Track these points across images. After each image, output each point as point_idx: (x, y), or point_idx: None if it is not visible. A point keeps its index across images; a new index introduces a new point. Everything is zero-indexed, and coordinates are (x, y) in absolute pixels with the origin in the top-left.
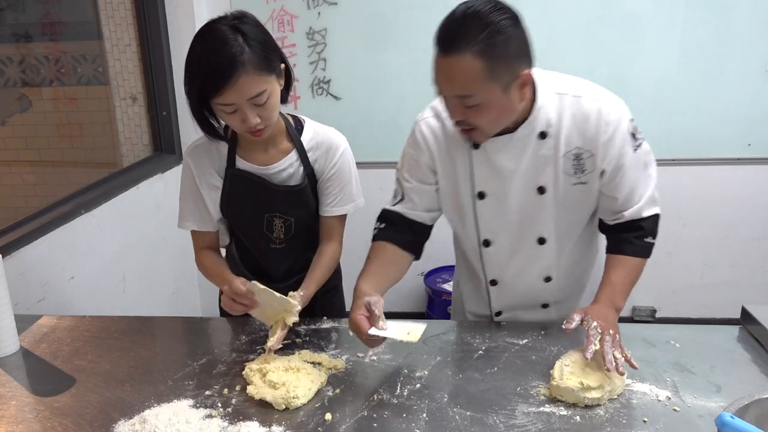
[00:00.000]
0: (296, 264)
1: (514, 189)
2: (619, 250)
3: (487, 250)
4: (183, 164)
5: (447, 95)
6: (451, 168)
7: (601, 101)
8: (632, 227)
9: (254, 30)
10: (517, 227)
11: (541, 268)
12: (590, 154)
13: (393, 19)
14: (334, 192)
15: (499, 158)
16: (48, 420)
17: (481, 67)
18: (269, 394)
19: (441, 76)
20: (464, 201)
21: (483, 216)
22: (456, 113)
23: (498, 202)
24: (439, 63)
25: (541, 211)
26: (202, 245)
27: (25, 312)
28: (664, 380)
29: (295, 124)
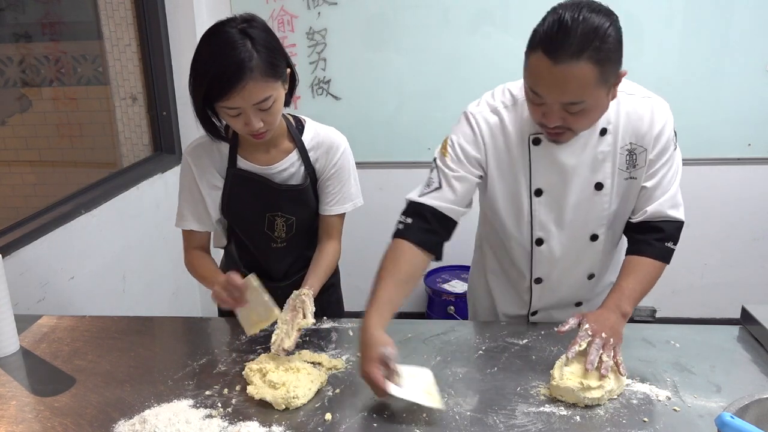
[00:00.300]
0: (296, 263)
1: (573, 185)
2: (638, 251)
3: (538, 249)
4: (182, 163)
5: (551, 101)
6: (508, 165)
7: (653, 100)
8: (653, 229)
9: (263, 35)
10: (571, 224)
11: (589, 265)
12: (643, 149)
13: (393, 19)
14: (334, 191)
15: (560, 154)
16: (48, 420)
17: (594, 73)
18: (269, 394)
19: (550, 84)
20: (522, 198)
21: (539, 213)
22: (556, 119)
23: (555, 199)
24: (549, 70)
25: (597, 207)
26: (194, 245)
27: (25, 312)
28: (664, 380)
29: (296, 124)
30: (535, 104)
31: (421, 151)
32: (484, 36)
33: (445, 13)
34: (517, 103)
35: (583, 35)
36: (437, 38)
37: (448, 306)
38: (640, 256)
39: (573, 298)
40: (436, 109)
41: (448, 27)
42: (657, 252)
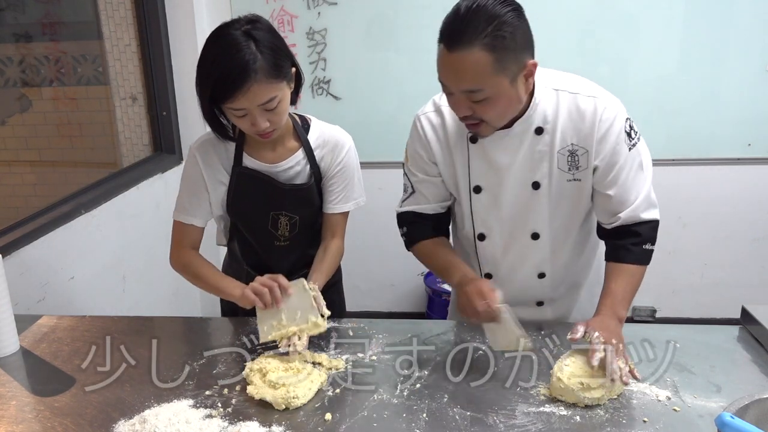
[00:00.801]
0: (299, 261)
1: (509, 184)
2: (617, 257)
3: (481, 244)
4: (188, 157)
5: (454, 91)
6: (450, 162)
7: (597, 98)
8: (629, 233)
9: (267, 36)
10: (511, 222)
11: (535, 263)
12: (584, 150)
13: (393, 18)
14: (338, 189)
15: (495, 153)
16: (48, 420)
17: (489, 60)
18: (269, 394)
19: (448, 72)
20: (462, 195)
21: (478, 210)
22: (463, 108)
23: (493, 197)
24: (446, 59)
25: (535, 206)
26: (187, 242)
27: (25, 312)
28: (664, 380)
29: (302, 123)
30: (447, 96)
31: None
32: None
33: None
34: None
35: (475, 23)
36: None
37: (448, 306)
38: (622, 264)
39: (530, 297)
40: None
41: None
42: (636, 257)
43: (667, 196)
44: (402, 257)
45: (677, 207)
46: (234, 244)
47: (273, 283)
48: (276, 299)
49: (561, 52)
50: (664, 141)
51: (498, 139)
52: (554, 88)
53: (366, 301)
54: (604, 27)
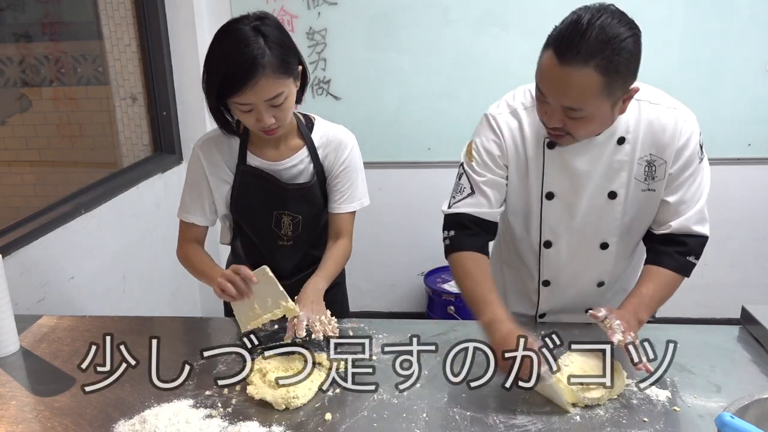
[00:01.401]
0: (302, 261)
1: (586, 192)
2: (658, 261)
3: (547, 252)
4: (192, 156)
5: (553, 102)
6: (523, 166)
7: (679, 111)
8: (676, 241)
9: (275, 32)
10: (581, 230)
11: (598, 272)
12: (662, 162)
13: (393, 18)
14: (342, 189)
15: (574, 160)
16: (48, 420)
17: (599, 83)
18: (269, 394)
19: (553, 84)
20: (532, 200)
21: (548, 217)
22: (555, 120)
23: (566, 204)
24: (554, 70)
25: (609, 216)
26: (191, 238)
27: (25, 312)
28: (664, 380)
29: (306, 122)
30: (540, 101)
31: (421, 151)
32: (485, 35)
33: (446, 12)
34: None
35: (596, 41)
36: (437, 38)
37: (448, 306)
38: (660, 267)
39: (582, 304)
40: (435, 109)
41: (449, 26)
42: (677, 264)
43: None
44: (402, 257)
45: None
46: (237, 243)
47: (235, 276)
48: (241, 291)
49: None
50: None
51: (579, 147)
52: (636, 98)
53: (366, 301)
54: None
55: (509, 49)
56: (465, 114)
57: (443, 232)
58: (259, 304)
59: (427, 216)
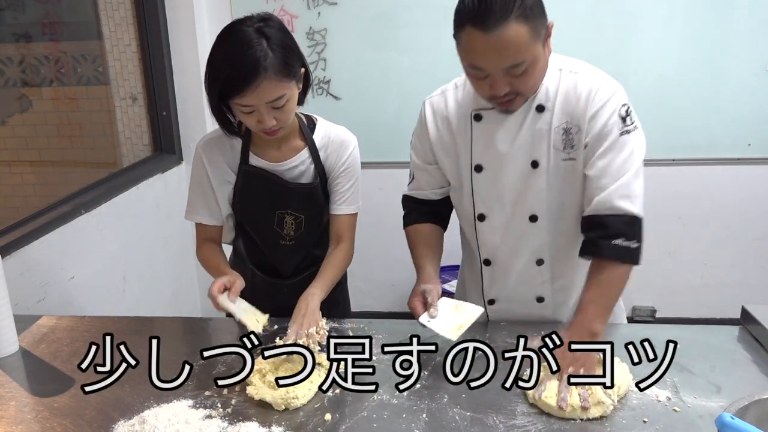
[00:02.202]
0: (305, 260)
1: (510, 163)
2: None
3: (481, 225)
4: (194, 156)
5: (492, 71)
6: (451, 142)
7: (597, 79)
8: (597, 224)
9: (278, 34)
10: (510, 202)
11: (534, 248)
12: (578, 128)
13: (393, 18)
14: (343, 190)
15: (498, 131)
16: (47, 420)
17: (526, 30)
18: (269, 394)
19: (487, 54)
20: (463, 174)
21: (479, 189)
22: (502, 86)
23: (494, 176)
24: (482, 41)
25: (534, 186)
26: (206, 237)
27: (25, 312)
28: (664, 380)
29: (307, 122)
30: (479, 79)
31: None
32: None
33: (445, 12)
34: (467, 82)
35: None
36: (437, 38)
37: None
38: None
39: (528, 289)
40: None
41: (448, 26)
42: (601, 251)
43: (667, 196)
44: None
45: (677, 207)
46: (239, 243)
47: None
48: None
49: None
50: (664, 141)
51: (501, 117)
52: (558, 68)
53: (366, 302)
54: (604, 27)
55: None
56: None
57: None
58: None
59: None
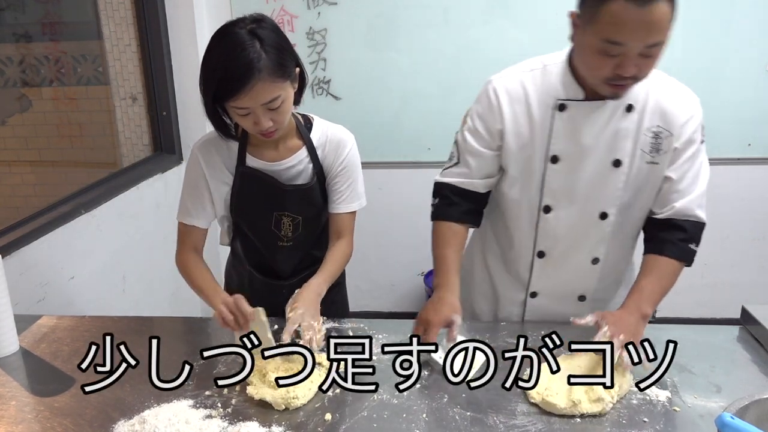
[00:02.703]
0: (303, 261)
1: (590, 157)
2: (659, 250)
3: (545, 217)
4: (191, 158)
5: (634, 48)
6: (526, 130)
7: (684, 88)
8: (677, 227)
9: (272, 35)
10: (582, 197)
11: (593, 246)
12: (669, 134)
13: (393, 18)
14: (342, 189)
15: (583, 124)
16: (48, 420)
17: (670, 11)
18: (269, 394)
19: (636, 28)
20: (535, 163)
21: (551, 180)
22: (632, 66)
23: (570, 169)
24: (635, 14)
25: (611, 184)
26: (191, 244)
27: (25, 312)
28: (664, 380)
29: (304, 122)
30: (609, 56)
31: (422, 151)
32: (485, 35)
33: (445, 12)
34: (546, 68)
35: None
36: (437, 38)
37: None
38: (661, 256)
39: (576, 286)
40: (436, 109)
41: (448, 26)
42: (680, 252)
43: None
44: (402, 257)
45: None
46: (237, 244)
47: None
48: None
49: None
50: None
51: (589, 110)
52: None
53: (366, 302)
54: None
55: (510, 49)
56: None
57: (432, 198)
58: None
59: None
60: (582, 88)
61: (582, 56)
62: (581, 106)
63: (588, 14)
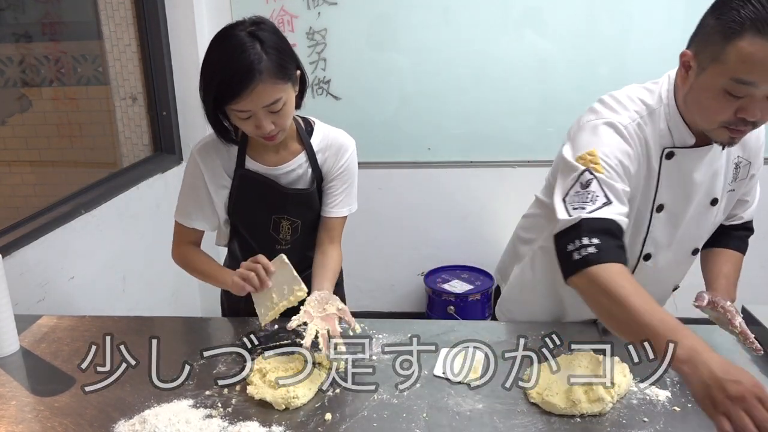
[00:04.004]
0: (300, 264)
1: (694, 202)
2: (730, 245)
3: (644, 264)
4: (190, 161)
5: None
6: (644, 179)
7: None
8: (745, 228)
9: (272, 37)
10: (681, 239)
11: (680, 277)
12: (747, 163)
13: (393, 18)
14: (338, 193)
15: (692, 170)
16: (48, 420)
17: None
18: (269, 394)
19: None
20: (642, 213)
21: (655, 230)
22: (758, 111)
23: (673, 215)
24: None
25: (707, 222)
26: (188, 240)
27: (25, 312)
28: (664, 380)
29: (305, 125)
30: (734, 98)
31: (422, 152)
32: (485, 35)
33: (445, 12)
34: (654, 113)
35: None
36: (437, 38)
37: (448, 306)
38: (733, 250)
39: None
40: (436, 109)
41: (448, 26)
42: (743, 246)
43: None
44: (402, 257)
45: None
46: (234, 245)
47: (256, 265)
48: (262, 281)
49: (561, 53)
50: None
51: (698, 157)
52: None
53: (366, 302)
54: (603, 26)
55: (510, 48)
56: (465, 114)
57: (582, 239)
58: (277, 294)
59: (427, 216)
60: (692, 133)
61: (699, 99)
62: (689, 152)
63: (711, 52)
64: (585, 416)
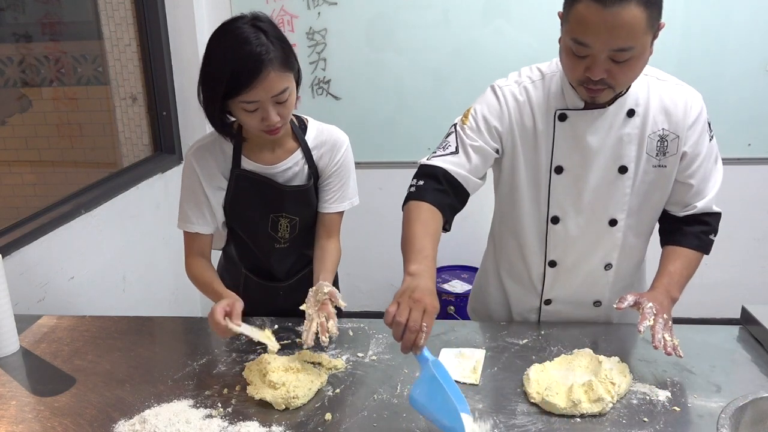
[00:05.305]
0: (298, 262)
1: (595, 166)
2: (680, 242)
3: (554, 228)
4: (185, 165)
5: (599, 50)
6: (531, 139)
7: (686, 88)
8: (700, 221)
9: (273, 29)
10: (589, 206)
11: (605, 252)
12: (675, 136)
13: (393, 19)
14: (334, 189)
15: (585, 133)
16: (48, 420)
17: (644, 17)
18: (269, 394)
19: (599, 30)
20: (541, 174)
21: (557, 191)
22: (600, 70)
23: (575, 178)
24: (599, 15)
25: (618, 191)
26: (197, 250)
27: (25, 312)
28: (664, 380)
29: (299, 123)
30: (578, 57)
31: (421, 151)
32: (485, 35)
33: (445, 12)
34: (545, 78)
35: None
36: (437, 38)
37: (448, 306)
38: (684, 247)
39: (590, 292)
40: (436, 109)
41: (448, 26)
42: (700, 243)
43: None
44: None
45: None
46: (230, 247)
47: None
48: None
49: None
50: None
51: (591, 119)
52: (644, 73)
53: (366, 302)
54: None
55: (509, 48)
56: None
57: (412, 180)
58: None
59: None
60: (580, 96)
61: (561, 57)
62: (581, 114)
63: (565, 13)
64: (585, 416)
